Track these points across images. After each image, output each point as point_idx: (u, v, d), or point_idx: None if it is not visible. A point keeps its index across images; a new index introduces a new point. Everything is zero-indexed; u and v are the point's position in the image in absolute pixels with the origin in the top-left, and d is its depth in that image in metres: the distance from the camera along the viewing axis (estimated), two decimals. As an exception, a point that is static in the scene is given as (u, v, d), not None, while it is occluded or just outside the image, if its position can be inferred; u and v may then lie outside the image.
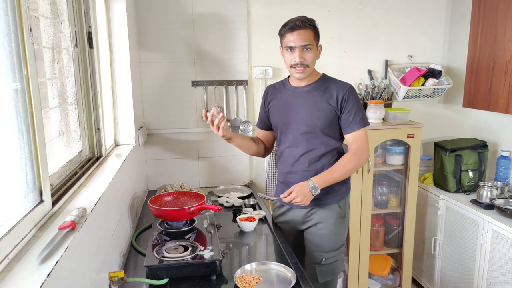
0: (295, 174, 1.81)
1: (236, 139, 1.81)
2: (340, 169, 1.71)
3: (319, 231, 1.81)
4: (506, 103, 2.28)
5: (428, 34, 2.84)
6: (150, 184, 2.61)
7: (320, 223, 1.81)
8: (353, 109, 1.72)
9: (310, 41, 1.67)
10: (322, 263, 1.80)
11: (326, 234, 1.80)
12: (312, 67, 1.74)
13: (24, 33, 0.97)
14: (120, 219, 1.64)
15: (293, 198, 1.65)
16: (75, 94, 1.56)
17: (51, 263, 0.84)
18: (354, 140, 1.74)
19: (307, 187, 1.65)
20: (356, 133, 1.73)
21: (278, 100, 1.85)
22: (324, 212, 1.81)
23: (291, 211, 1.87)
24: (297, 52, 1.67)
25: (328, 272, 1.83)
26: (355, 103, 1.73)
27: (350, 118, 1.72)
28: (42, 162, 1.04)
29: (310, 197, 1.66)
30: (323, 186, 1.67)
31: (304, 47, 1.67)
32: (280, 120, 1.83)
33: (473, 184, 2.55)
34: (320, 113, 1.73)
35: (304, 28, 1.65)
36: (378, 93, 2.70)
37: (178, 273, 1.41)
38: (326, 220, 1.80)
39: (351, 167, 1.71)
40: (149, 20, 2.44)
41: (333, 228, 1.81)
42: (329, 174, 1.70)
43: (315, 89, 1.77)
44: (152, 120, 2.55)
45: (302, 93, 1.79)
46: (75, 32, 1.58)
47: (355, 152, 1.73)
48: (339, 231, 1.83)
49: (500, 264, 2.13)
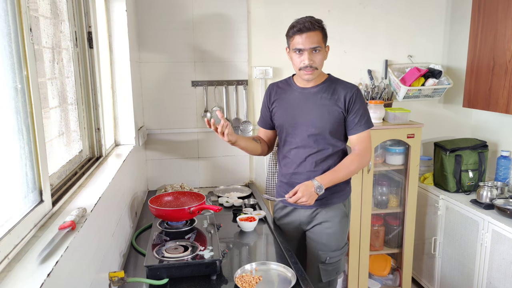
0: (300, 175, 1.80)
1: (241, 142, 1.79)
2: (344, 169, 1.71)
3: (326, 230, 1.81)
4: (506, 103, 2.28)
5: (428, 34, 2.84)
6: (150, 184, 2.61)
7: (326, 222, 1.81)
8: (360, 111, 1.73)
9: (319, 43, 1.66)
10: (327, 262, 1.82)
11: (332, 233, 1.81)
12: (321, 69, 1.74)
13: (24, 33, 0.97)
14: (120, 219, 1.64)
15: (299, 198, 1.64)
16: (75, 94, 1.56)
17: (51, 263, 0.84)
18: (358, 142, 1.74)
19: (312, 186, 1.65)
20: (360, 134, 1.74)
21: (283, 101, 1.82)
22: (330, 211, 1.82)
23: (295, 212, 1.87)
24: (306, 55, 1.65)
25: (332, 271, 1.84)
26: (361, 105, 1.74)
27: (356, 120, 1.73)
28: (42, 162, 1.04)
29: (315, 196, 1.66)
30: (327, 185, 1.68)
31: (313, 49, 1.66)
32: (286, 121, 1.81)
33: (473, 184, 2.55)
34: (329, 115, 1.73)
35: (313, 30, 1.64)
36: (378, 93, 2.70)
37: (178, 273, 1.41)
38: (332, 219, 1.81)
39: (354, 168, 1.72)
40: (149, 20, 2.44)
41: (338, 227, 1.82)
42: (333, 174, 1.71)
43: (323, 90, 1.76)
44: (152, 120, 2.55)
45: (310, 94, 1.77)
46: (75, 32, 1.58)
47: (358, 154, 1.74)
48: (344, 230, 1.85)
49: (500, 264, 2.13)
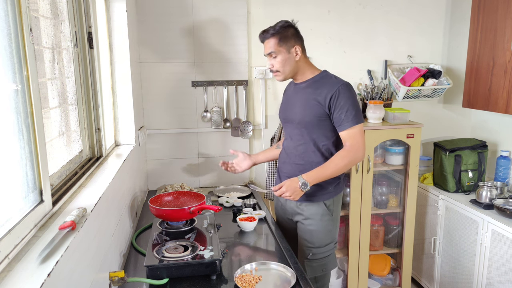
0: (287, 165, 1.91)
1: (258, 158, 2.06)
2: (333, 166, 1.74)
3: (308, 226, 1.88)
4: (506, 103, 2.28)
5: (427, 34, 2.84)
6: (150, 184, 2.61)
7: (307, 219, 1.88)
8: (345, 107, 1.72)
9: (272, 48, 1.78)
10: (310, 258, 1.87)
11: (314, 230, 1.87)
12: (287, 69, 1.81)
13: (24, 33, 0.97)
14: (120, 219, 1.64)
15: (283, 193, 1.72)
16: (75, 94, 1.56)
17: (51, 263, 0.84)
18: (348, 138, 1.76)
19: (297, 182, 1.71)
20: (349, 130, 1.74)
21: (284, 96, 2.01)
22: (312, 208, 1.86)
23: (286, 202, 1.96)
24: (268, 61, 1.83)
25: (317, 267, 1.88)
26: (347, 101, 1.73)
27: (342, 116, 1.73)
28: (42, 162, 1.04)
29: (299, 192, 1.72)
30: (314, 182, 1.73)
31: (270, 55, 1.81)
32: (281, 114, 1.98)
33: (473, 184, 2.55)
34: (309, 109, 1.80)
35: (267, 38, 1.80)
36: (377, 93, 2.70)
37: (178, 273, 1.41)
38: (313, 216, 1.86)
39: (343, 164, 1.74)
40: (149, 20, 2.44)
41: (320, 224, 1.86)
42: (320, 171, 1.74)
43: (310, 85, 1.85)
44: (152, 120, 2.56)
45: (299, 89, 1.88)
46: (75, 32, 1.58)
47: (348, 150, 1.75)
48: (327, 228, 1.88)
49: (499, 264, 2.14)
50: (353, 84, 2.75)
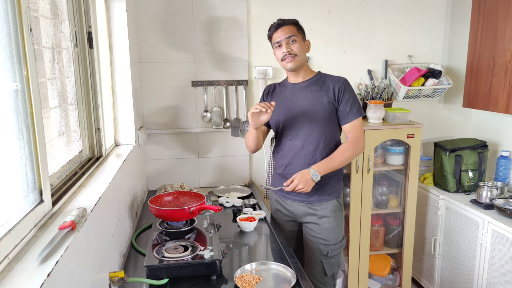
0: (295, 165, 1.88)
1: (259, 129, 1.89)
2: (339, 157, 1.80)
3: (324, 225, 1.88)
4: (506, 103, 2.28)
5: (428, 34, 2.84)
6: (150, 184, 2.61)
7: (324, 217, 1.88)
8: (350, 100, 1.82)
9: (293, 33, 1.80)
10: (329, 256, 1.88)
11: (330, 228, 1.89)
12: (302, 57, 1.83)
13: (24, 33, 0.97)
14: (120, 219, 1.64)
15: (296, 186, 1.73)
16: (75, 94, 1.56)
17: (51, 263, 0.84)
18: (351, 130, 1.83)
19: (308, 173, 1.74)
20: (353, 123, 1.82)
21: (277, 99, 1.92)
22: (328, 206, 1.89)
23: (291, 204, 1.94)
24: (284, 45, 1.80)
25: (335, 264, 1.91)
26: (351, 95, 1.83)
27: (347, 109, 1.82)
28: (42, 162, 1.04)
29: (311, 183, 1.74)
30: (323, 173, 1.76)
31: (289, 39, 1.79)
32: (281, 115, 1.90)
33: (473, 184, 2.55)
34: (320, 106, 1.82)
35: (286, 24, 1.81)
36: (378, 93, 2.70)
37: (178, 273, 1.41)
38: (329, 213, 1.88)
39: (348, 156, 1.81)
40: (149, 20, 2.44)
41: (335, 221, 1.90)
42: (328, 162, 1.79)
43: (312, 84, 1.87)
44: (152, 120, 2.55)
45: (300, 88, 1.88)
46: (75, 32, 1.58)
47: (352, 141, 1.82)
48: (340, 223, 1.94)
49: (500, 264, 2.13)
50: (353, 84, 2.75)
